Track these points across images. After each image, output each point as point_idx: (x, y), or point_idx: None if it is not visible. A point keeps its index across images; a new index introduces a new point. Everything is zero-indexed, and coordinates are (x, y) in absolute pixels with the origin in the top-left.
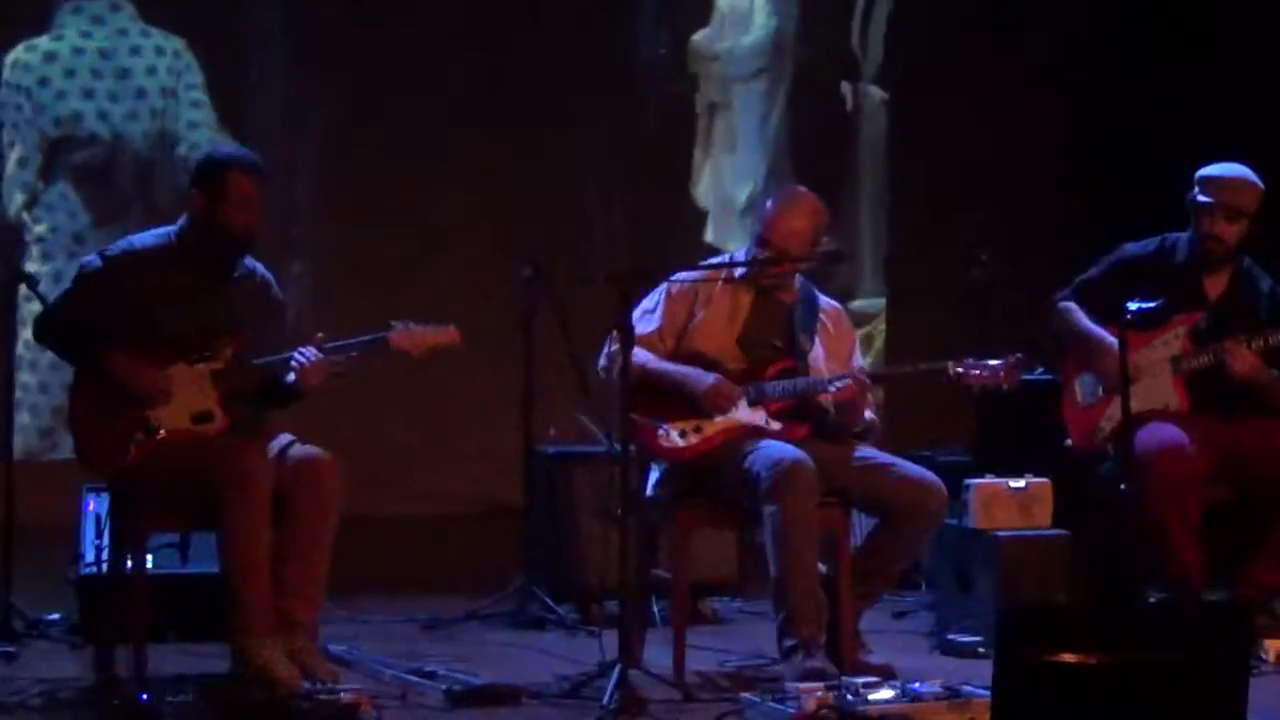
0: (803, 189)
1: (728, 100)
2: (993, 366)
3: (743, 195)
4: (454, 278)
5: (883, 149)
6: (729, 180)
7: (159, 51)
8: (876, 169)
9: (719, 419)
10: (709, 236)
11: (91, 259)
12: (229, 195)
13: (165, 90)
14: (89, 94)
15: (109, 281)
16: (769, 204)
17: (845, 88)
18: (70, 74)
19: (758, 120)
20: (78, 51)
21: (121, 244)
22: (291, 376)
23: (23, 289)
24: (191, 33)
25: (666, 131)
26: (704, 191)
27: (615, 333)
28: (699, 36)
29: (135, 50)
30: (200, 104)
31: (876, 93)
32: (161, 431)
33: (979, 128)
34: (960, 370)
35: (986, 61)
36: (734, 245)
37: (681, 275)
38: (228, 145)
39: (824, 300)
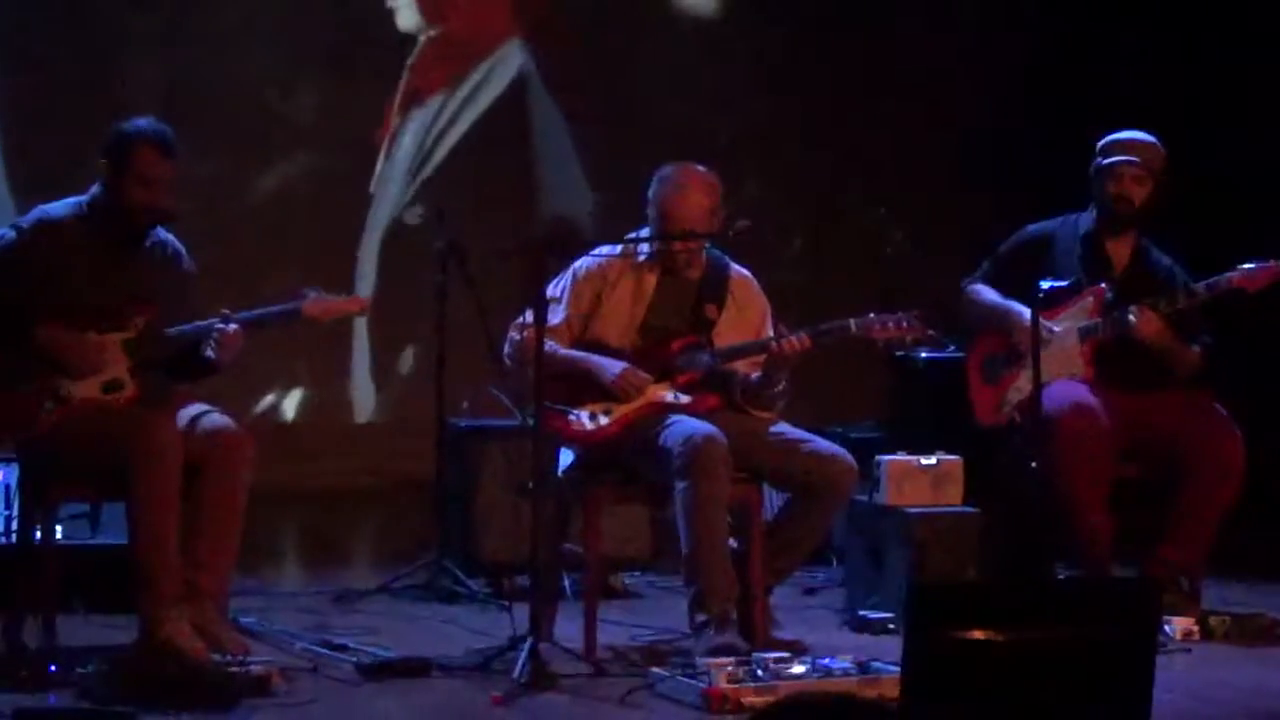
0: (685, 165)
1: None
2: (894, 319)
3: None
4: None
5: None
6: None
7: None
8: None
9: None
10: None
11: (4, 231)
12: (133, 169)
13: None
14: None
15: (24, 252)
16: (659, 190)
17: None
18: None
19: None
20: None
21: (34, 213)
22: (210, 352)
23: None
24: None
25: None
26: None
27: (519, 320)
28: None
29: None
30: None
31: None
32: (73, 398)
33: (893, 108)
34: (863, 326)
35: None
36: None
37: (598, 250)
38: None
39: (735, 269)
